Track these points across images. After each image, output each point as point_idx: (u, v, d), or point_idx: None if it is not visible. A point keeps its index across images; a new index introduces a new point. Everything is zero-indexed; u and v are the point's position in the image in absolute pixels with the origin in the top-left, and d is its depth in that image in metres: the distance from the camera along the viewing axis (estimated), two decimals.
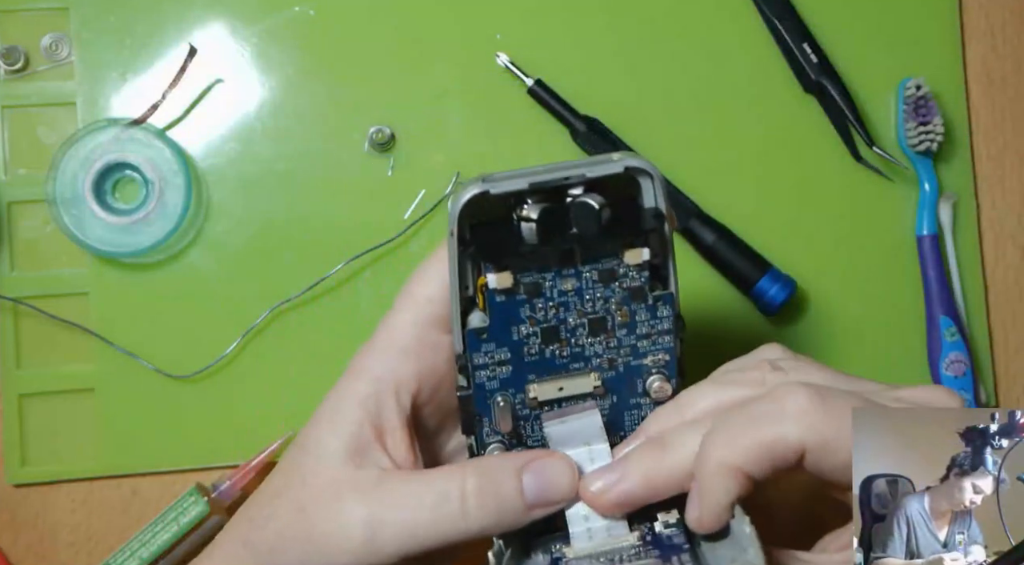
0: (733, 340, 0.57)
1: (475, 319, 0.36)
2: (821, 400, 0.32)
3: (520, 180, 0.34)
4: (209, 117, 0.56)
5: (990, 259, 0.59)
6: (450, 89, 0.56)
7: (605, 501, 0.35)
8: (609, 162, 0.34)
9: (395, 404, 0.37)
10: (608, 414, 0.38)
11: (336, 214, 0.55)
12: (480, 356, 0.36)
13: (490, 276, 0.35)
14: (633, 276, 0.36)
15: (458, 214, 0.34)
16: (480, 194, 0.34)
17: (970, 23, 0.60)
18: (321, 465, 0.36)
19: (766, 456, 0.32)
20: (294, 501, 0.36)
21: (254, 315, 0.54)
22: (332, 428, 0.37)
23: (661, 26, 0.57)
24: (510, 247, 0.34)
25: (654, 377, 0.37)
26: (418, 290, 0.37)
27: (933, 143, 0.56)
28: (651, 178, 0.35)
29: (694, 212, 0.56)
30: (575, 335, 0.37)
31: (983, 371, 0.58)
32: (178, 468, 0.54)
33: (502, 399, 0.36)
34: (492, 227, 0.35)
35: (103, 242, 0.53)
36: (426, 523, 0.35)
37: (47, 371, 0.54)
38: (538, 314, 0.36)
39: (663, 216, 0.35)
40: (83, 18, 0.55)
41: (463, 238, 0.35)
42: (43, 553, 0.54)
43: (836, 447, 0.32)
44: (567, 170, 0.34)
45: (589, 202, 0.34)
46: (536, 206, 0.34)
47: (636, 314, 0.37)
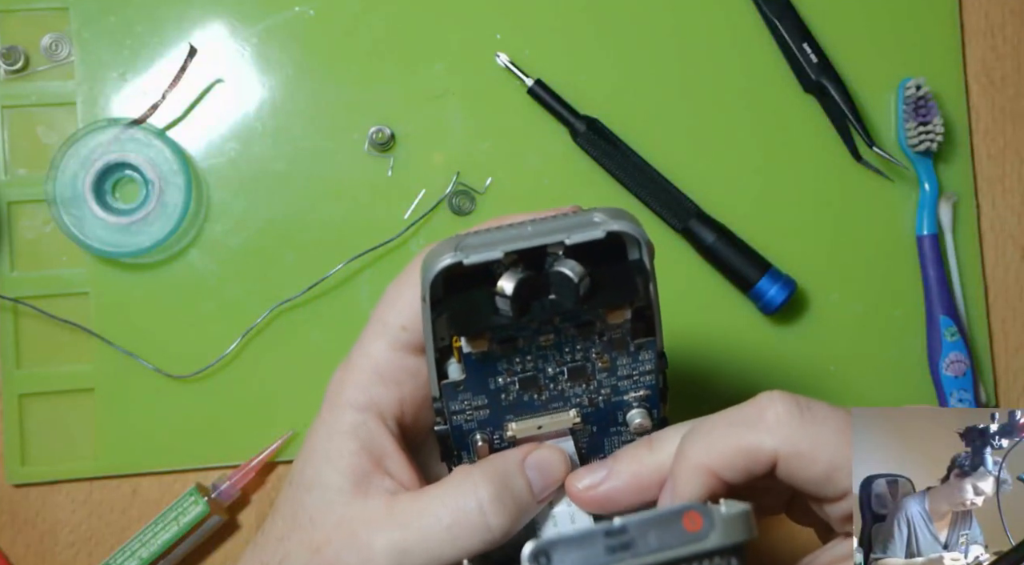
0: (733, 340, 0.57)
1: (452, 371, 0.35)
2: (800, 411, 0.32)
3: (494, 249, 0.32)
4: (209, 117, 0.56)
5: (990, 259, 0.59)
6: (450, 89, 0.56)
7: (591, 497, 0.35)
8: (590, 225, 0.32)
9: (385, 430, 0.36)
10: (587, 443, 0.37)
11: (336, 214, 0.55)
12: (456, 403, 0.35)
13: (463, 340, 0.34)
14: (615, 330, 0.35)
15: (430, 283, 0.32)
16: (453, 265, 0.32)
17: (970, 23, 0.60)
18: (327, 502, 0.36)
19: (740, 461, 0.32)
20: (306, 543, 0.36)
21: (254, 315, 0.54)
22: (328, 462, 0.36)
23: (661, 26, 0.57)
24: (485, 318, 0.32)
25: (635, 412, 0.36)
26: (391, 318, 0.37)
27: (933, 143, 0.56)
28: (637, 242, 0.33)
29: (694, 212, 0.56)
30: (555, 381, 0.35)
31: (983, 371, 0.58)
32: (178, 468, 0.54)
33: (480, 438, 0.36)
34: (467, 289, 0.33)
35: (103, 242, 0.53)
36: (450, 541, 0.34)
37: (47, 371, 0.54)
38: (515, 367, 0.35)
39: (648, 274, 0.34)
40: (83, 18, 0.55)
41: (436, 303, 0.33)
42: (43, 553, 0.54)
43: (810, 459, 0.32)
44: (545, 236, 0.32)
45: (568, 274, 0.32)
46: (511, 277, 0.32)
47: (617, 360, 0.35)
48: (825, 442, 0.32)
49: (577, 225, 0.32)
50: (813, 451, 0.32)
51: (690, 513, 0.29)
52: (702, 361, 0.57)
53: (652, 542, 0.29)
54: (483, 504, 0.34)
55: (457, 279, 0.33)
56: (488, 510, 0.34)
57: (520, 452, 0.36)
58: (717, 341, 0.57)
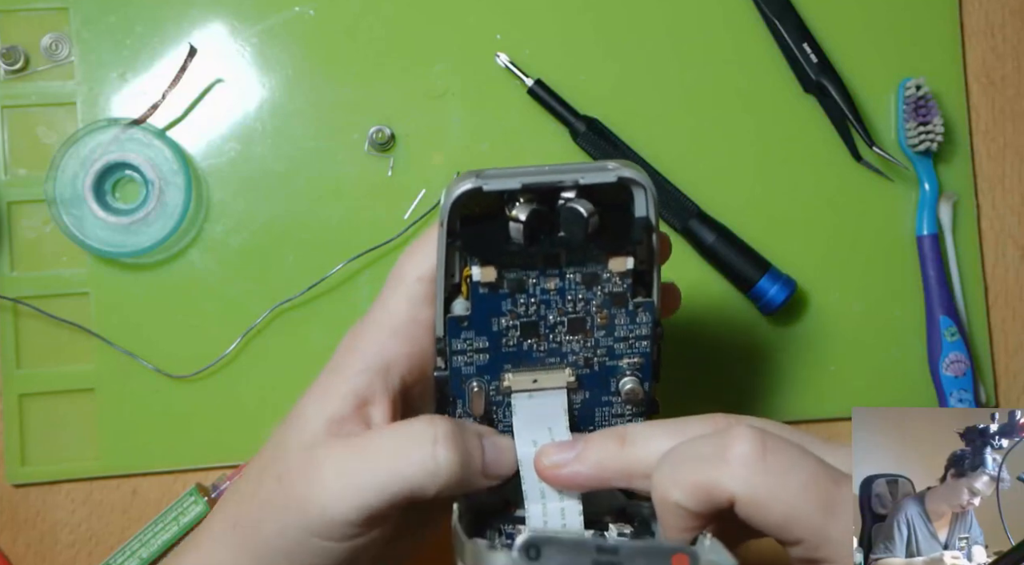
0: (733, 340, 0.57)
1: (458, 306, 0.37)
2: (764, 454, 0.31)
3: (513, 179, 0.34)
4: (209, 117, 0.56)
5: (990, 259, 0.59)
6: (450, 89, 0.56)
7: (555, 475, 0.36)
8: (604, 170, 0.35)
9: (383, 381, 0.37)
10: (579, 409, 0.38)
11: (336, 214, 0.56)
12: (459, 342, 0.37)
13: (475, 269, 0.35)
14: (616, 282, 0.36)
15: (449, 207, 0.34)
16: (473, 189, 0.34)
17: (970, 23, 0.60)
18: (301, 435, 0.37)
19: (702, 496, 0.32)
20: (273, 472, 0.37)
21: (254, 315, 0.54)
22: (316, 402, 0.38)
23: (661, 26, 0.57)
24: (497, 244, 0.35)
25: (628, 379, 0.38)
26: (409, 270, 0.38)
27: (933, 143, 0.56)
28: (644, 189, 0.35)
29: (694, 212, 0.56)
30: (554, 332, 0.37)
31: (983, 371, 0.58)
32: (178, 468, 0.54)
33: (477, 384, 0.37)
34: (481, 221, 0.35)
35: (103, 242, 0.53)
36: (394, 468, 0.35)
37: (47, 371, 0.54)
38: (519, 309, 0.36)
39: (652, 228, 0.36)
40: (83, 18, 0.55)
41: (452, 230, 0.35)
42: (43, 553, 0.54)
43: (767, 506, 0.31)
44: (561, 174, 0.34)
45: (578, 208, 0.34)
46: (525, 207, 0.34)
47: (616, 318, 0.37)
48: (783, 492, 0.31)
49: (591, 168, 0.35)
50: (769, 500, 0.31)
51: (679, 556, 0.30)
52: (702, 361, 0.57)
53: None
54: (437, 436, 0.35)
55: (472, 216, 0.35)
56: (440, 442, 0.35)
57: (481, 428, 0.37)
58: (717, 341, 0.57)
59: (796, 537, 0.31)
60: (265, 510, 0.37)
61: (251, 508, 0.37)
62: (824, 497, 0.31)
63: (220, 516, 0.39)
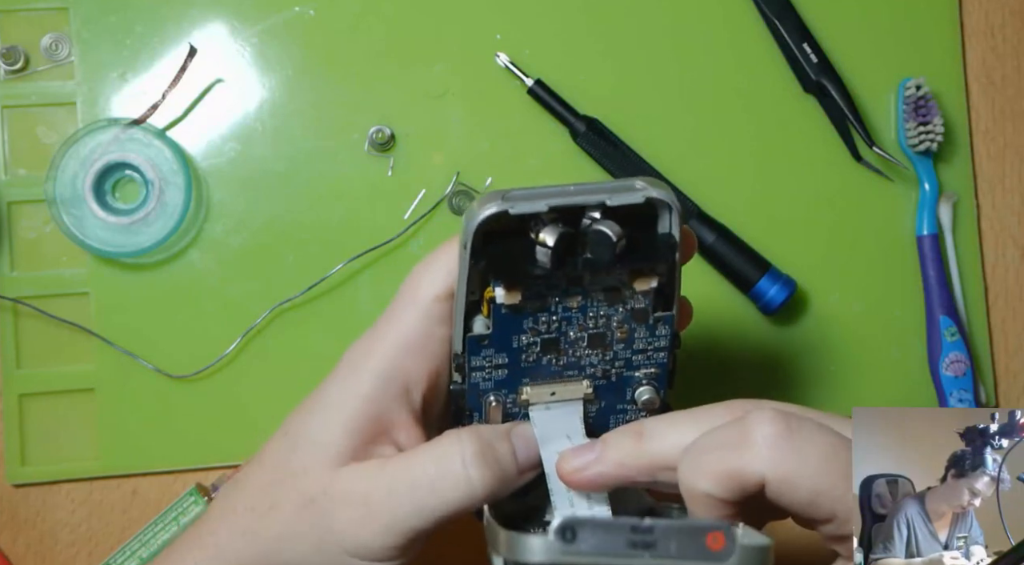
0: (733, 340, 0.57)
1: (478, 325, 0.36)
2: (788, 433, 0.32)
3: (539, 202, 0.33)
4: (209, 117, 0.56)
5: (990, 259, 0.59)
6: (450, 89, 0.56)
7: (580, 479, 0.36)
8: (631, 190, 0.34)
9: (405, 401, 0.38)
10: (594, 417, 0.38)
11: (336, 214, 0.56)
12: (478, 359, 0.36)
13: (499, 291, 0.35)
14: (639, 299, 0.36)
15: (474, 230, 0.34)
16: (499, 213, 0.33)
17: (970, 23, 0.60)
18: (326, 457, 0.37)
19: (732, 484, 0.32)
20: (300, 491, 0.37)
21: (254, 315, 0.54)
22: (338, 421, 0.37)
23: (661, 26, 0.57)
24: (522, 267, 0.34)
25: (644, 388, 0.38)
26: (425, 289, 0.37)
27: (933, 143, 0.56)
28: (669, 209, 0.35)
29: (694, 212, 0.56)
30: (574, 346, 0.37)
31: (983, 371, 0.58)
32: (178, 468, 0.54)
33: (495, 399, 0.37)
34: (504, 242, 0.34)
35: (103, 242, 0.53)
36: (433, 491, 0.36)
37: (47, 371, 0.54)
38: (540, 326, 0.36)
39: (676, 246, 0.35)
40: (83, 18, 0.55)
41: (476, 251, 0.34)
42: (43, 553, 0.54)
43: (796, 484, 0.31)
44: (587, 195, 0.34)
45: (606, 232, 0.33)
46: (552, 229, 0.33)
47: (635, 332, 0.37)
48: (807, 467, 0.31)
49: (618, 188, 0.34)
50: (800, 475, 0.31)
51: (715, 533, 0.30)
52: (702, 361, 0.57)
53: (672, 549, 0.29)
54: (465, 457, 0.36)
55: (495, 235, 0.34)
56: (470, 463, 0.35)
57: (509, 424, 0.38)
58: (717, 341, 0.57)
59: (828, 512, 0.32)
60: (293, 528, 0.37)
61: (271, 523, 0.37)
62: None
63: (225, 524, 0.39)
